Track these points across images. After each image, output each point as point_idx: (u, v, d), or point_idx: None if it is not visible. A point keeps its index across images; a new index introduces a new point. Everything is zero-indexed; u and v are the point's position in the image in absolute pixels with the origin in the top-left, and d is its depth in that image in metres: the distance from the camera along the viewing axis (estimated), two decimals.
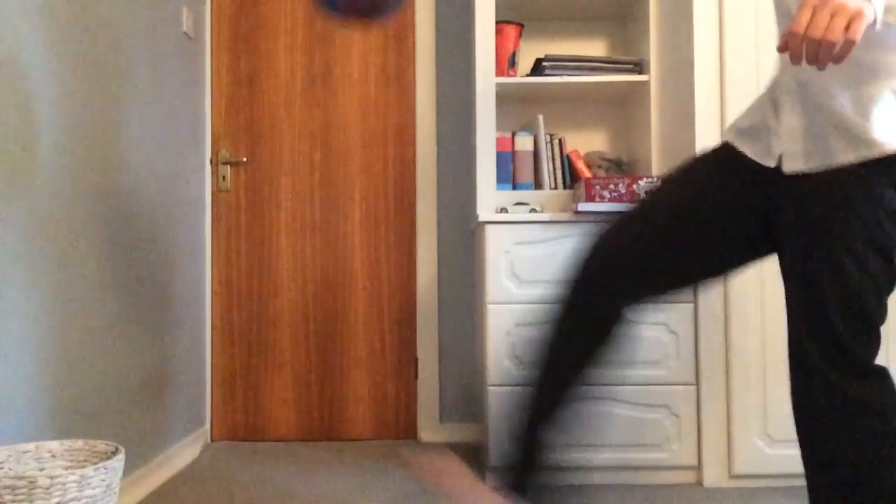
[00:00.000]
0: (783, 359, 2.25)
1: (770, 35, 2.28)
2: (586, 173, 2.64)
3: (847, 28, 0.94)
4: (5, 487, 1.25)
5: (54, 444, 1.51)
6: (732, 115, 2.27)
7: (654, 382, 2.27)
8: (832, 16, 0.94)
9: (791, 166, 1.24)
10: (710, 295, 2.27)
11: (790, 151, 1.25)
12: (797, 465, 2.24)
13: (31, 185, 1.65)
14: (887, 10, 1.05)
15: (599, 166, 2.69)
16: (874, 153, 1.16)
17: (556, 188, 2.66)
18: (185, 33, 2.66)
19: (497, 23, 2.62)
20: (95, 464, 1.48)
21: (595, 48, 2.88)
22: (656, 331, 2.27)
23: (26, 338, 1.62)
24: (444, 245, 2.97)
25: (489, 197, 2.44)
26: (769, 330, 2.26)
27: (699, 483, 2.28)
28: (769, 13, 2.28)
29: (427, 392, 2.93)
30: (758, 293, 2.26)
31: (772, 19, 2.29)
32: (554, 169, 2.67)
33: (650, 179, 2.28)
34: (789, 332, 1.29)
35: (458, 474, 1.45)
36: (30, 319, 1.64)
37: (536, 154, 2.67)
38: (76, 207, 1.85)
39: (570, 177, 2.68)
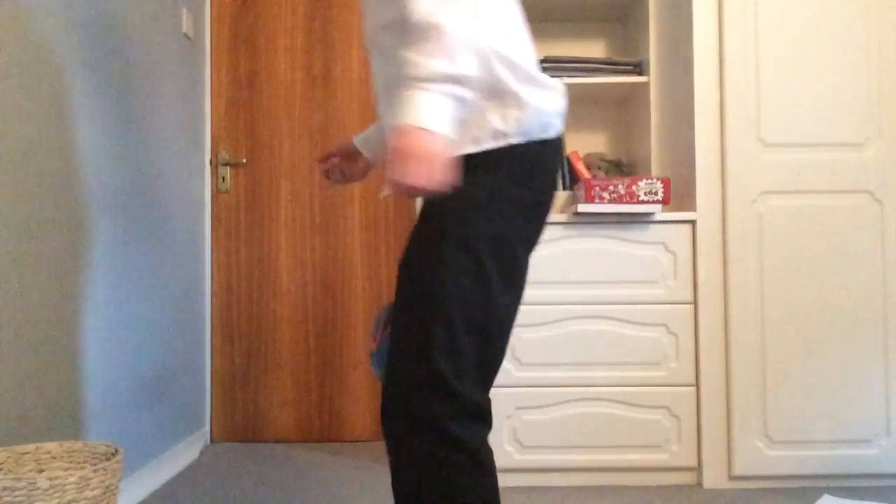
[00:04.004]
0: (783, 359, 2.26)
1: (770, 36, 2.28)
2: (586, 174, 2.64)
3: (434, 172, 0.97)
4: (5, 489, 1.25)
5: (53, 446, 1.51)
6: (732, 116, 2.28)
7: (653, 383, 2.27)
8: (416, 168, 0.96)
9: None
10: (711, 296, 2.27)
11: None
12: (797, 467, 2.24)
13: (31, 185, 1.65)
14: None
15: (599, 167, 2.69)
16: None
17: None
18: (185, 35, 2.66)
19: None
20: (95, 465, 1.47)
21: (594, 49, 2.88)
22: (656, 332, 2.27)
23: (25, 338, 1.62)
24: None
25: None
26: (769, 330, 2.26)
27: (699, 484, 2.28)
28: (769, 14, 2.28)
29: None
30: (758, 293, 2.26)
31: (771, 20, 2.29)
32: None
33: (650, 180, 2.28)
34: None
35: None
36: (29, 320, 1.64)
37: None
38: (75, 208, 1.84)
39: (570, 178, 2.68)
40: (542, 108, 1.14)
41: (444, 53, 0.98)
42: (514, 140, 1.11)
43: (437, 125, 0.97)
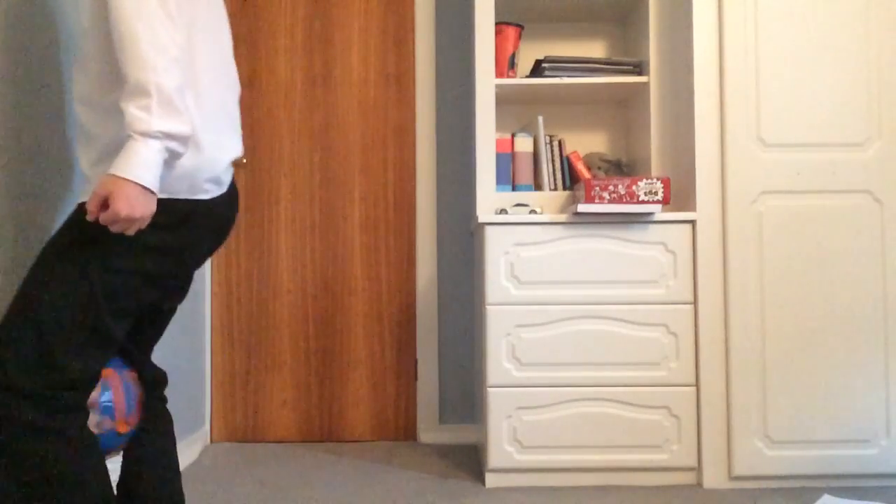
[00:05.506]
0: (783, 359, 2.25)
1: (770, 36, 2.28)
2: (586, 174, 2.64)
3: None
4: None
5: None
6: (732, 116, 2.28)
7: (653, 383, 2.27)
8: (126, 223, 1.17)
9: None
10: (710, 295, 2.27)
11: None
12: (797, 467, 2.24)
13: (30, 186, 1.65)
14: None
15: (599, 167, 2.69)
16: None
17: (555, 189, 2.66)
18: None
19: (497, 24, 2.62)
20: None
21: (595, 49, 2.88)
22: (656, 332, 2.27)
23: None
24: (444, 246, 2.97)
25: (489, 198, 2.44)
26: (769, 330, 2.26)
27: (699, 484, 2.28)
28: (768, 14, 2.28)
29: (426, 393, 2.93)
30: (758, 293, 2.26)
31: (771, 20, 2.29)
32: (553, 170, 2.67)
33: (650, 180, 2.28)
34: None
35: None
36: None
37: (536, 155, 2.67)
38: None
39: (570, 178, 2.68)
40: (191, 172, 1.30)
41: (167, 110, 1.15)
42: (159, 195, 1.25)
43: (146, 179, 1.15)
